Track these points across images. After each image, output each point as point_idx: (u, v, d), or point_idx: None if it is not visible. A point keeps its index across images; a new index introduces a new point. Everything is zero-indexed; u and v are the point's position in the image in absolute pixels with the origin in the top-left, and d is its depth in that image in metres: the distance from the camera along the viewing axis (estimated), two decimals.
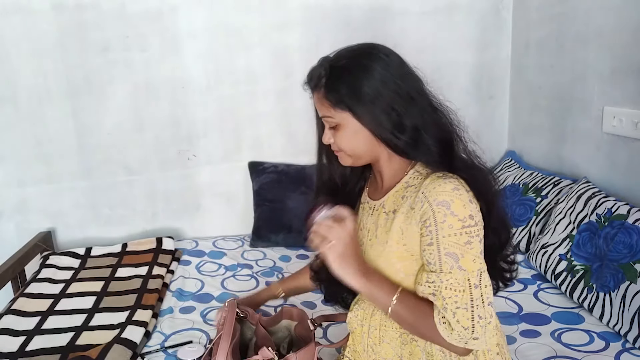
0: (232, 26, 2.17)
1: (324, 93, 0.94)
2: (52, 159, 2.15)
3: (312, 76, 0.97)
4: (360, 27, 2.22)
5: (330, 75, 0.94)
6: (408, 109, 0.92)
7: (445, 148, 0.94)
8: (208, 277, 1.90)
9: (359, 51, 0.96)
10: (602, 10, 1.76)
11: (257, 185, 2.24)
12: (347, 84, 0.92)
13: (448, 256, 0.87)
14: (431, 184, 0.90)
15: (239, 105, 2.25)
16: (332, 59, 0.97)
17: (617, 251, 1.46)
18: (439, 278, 0.88)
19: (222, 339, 0.99)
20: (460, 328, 0.86)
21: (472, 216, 0.88)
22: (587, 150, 1.88)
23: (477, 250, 0.88)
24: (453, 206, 0.87)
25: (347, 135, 0.95)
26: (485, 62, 2.38)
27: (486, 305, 0.87)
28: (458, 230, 0.87)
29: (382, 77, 0.92)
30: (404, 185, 0.98)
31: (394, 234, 0.95)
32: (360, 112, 0.92)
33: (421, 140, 0.92)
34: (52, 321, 1.56)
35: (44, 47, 2.05)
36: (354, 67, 0.93)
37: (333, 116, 0.95)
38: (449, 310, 0.87)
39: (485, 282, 0.88)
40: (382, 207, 1.01)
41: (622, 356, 1.30)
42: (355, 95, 0.91)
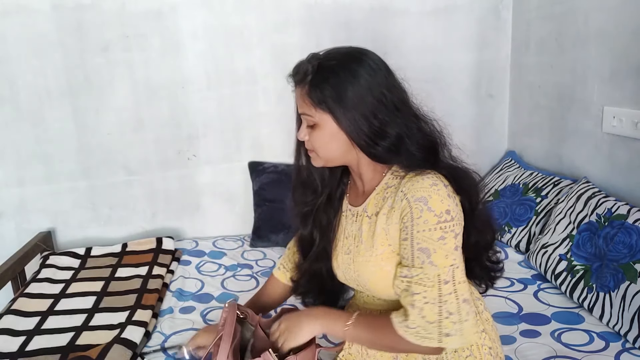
0: (232, 26, 2.17)
1: (307, 90, 0.94)
2: (52, 159, 2.15)
3: (298, 71, 0.98)
4: (360, 27, 2.22)
5: (316, 73, 0.93)
6: (391, 117, 0.92)
7: (429, 153, 0.94)
8: (208, 277, 1.90)
9: (349, 55, 0.96)
10: (602, 10, 1.76)
11: (257, 185, 2.24)
12: (332, 86, 0.91)
13: (420, 251, 0.88)
14: (409, 182, 0.91)
15: (239, 105, 2.25)
16: (322, 57, 0.96)
17: (617, 251, 1.46)
18: (410, 272, 0.89)
19: (223, 339, 0.99)
20: (424, 323, 0.86)
21: (449, 211, 0.88)
22: (587, 150, 1.88)
23: (450, 246, 0.88)
24: (430, 202, 0.87)
25: (323, 137, 0.95)
26: (485, 62, 2.38)
27: (460, 302, 0.87)
28: (433, 225, 0.87)
29: (368, 84, 0.91)
30: (384, 186, 0.98)
31: (378, 236, 0.95)
32: (341, 116, 0.91)
33: (403, 146, 0.92)
34: (52, 321, 1.56)
35: (44, 47, 2.05)
36: (342, 70, 0.92)
37: (312, 115, 0.94)
38: (416, 307, 0.87)
39: (458, 278, 0.88)
40: (364, 212, 1.01)
41: (622, 356, 1.30)
42: (339, 99, 0.91)
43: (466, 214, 0.93)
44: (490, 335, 1.02)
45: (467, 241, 0.94)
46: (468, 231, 0.94)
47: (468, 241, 0.95)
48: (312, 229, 1.09)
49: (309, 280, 1.13)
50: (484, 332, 1.00)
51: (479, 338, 0.99)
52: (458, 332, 0.86)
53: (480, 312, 1.04)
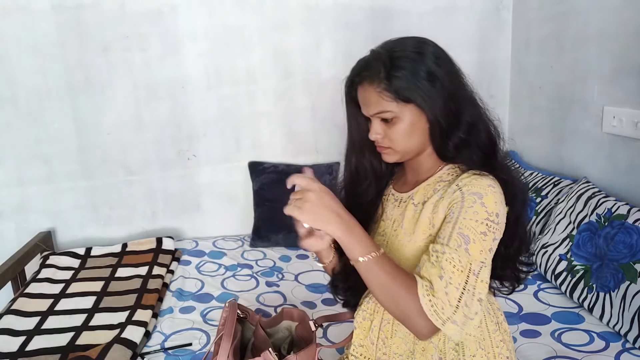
0: (232, 26, 2.17)
1: (386, 85, 0.90)
2: (52, 159, 2.15)
3: (367, 67, 0.93)
4: (360, 27, 2.22)
5: (391, 66, 0.91)
6: (464, 99, 0.93)
7: (491, 148, 0.94)
8: (208, 277, 1.90)
9: (412, 41, 0.95)
10: (602, 10, 1.76)
11: (257, 185, 2.24)
12: (410, 75, 0.90)
13: (460, 235, 0.86)
14: (467, 178, 0.90)
15: (239, 105, 2.25)
16: (388, 50, 0.93)
17: (617, 251, 1.46)
18: (444, 249, 0.86)
19: (224, 339, 0.99)
20: (445, 301, 0.83)
21: (498, 215, 0.88)
22: (587, 150, 1.88)
23: (488, 244, 0.87)
24: (485, 198, 0.87)
25: (404, 129, 0.93)
26: (485, 62, 2.38)
27: (475, 299, 0.85)
28: (482, 219, 0.86)
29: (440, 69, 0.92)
30: (437, 179, 0.97)
31: (422, 224, 0.94)
32: (423, 102, 0.90)
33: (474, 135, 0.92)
34: (52, 321, 1.56)
35: (44, 47, 2.05)
36: (414, 58, 0.91)
37: (392, 109, 0.91)
38: (444, 279, 0.84)
39: (482, 277, 0.86)
40: (410, 199, 0.99)
41: (622, 356, 1.30)
42: (416, 84, 0.90)
43: (510, 223, 0.92)
44: (509, 346, 1.02)
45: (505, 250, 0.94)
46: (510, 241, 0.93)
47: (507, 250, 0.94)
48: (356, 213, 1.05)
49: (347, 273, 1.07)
50: (502, 342, 1.00)
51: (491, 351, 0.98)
52: (461, 325, 0.84)
53: (500, 323, 1.03)
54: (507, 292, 1.09)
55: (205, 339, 1.47)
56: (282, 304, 1.69)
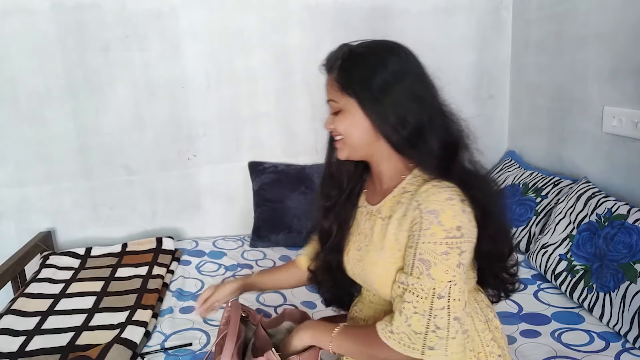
0: (232, 26, 2.17)
1: (336, 75, 0.95)
2: (52, 159, 2.15)
3: (329, 58, 0.98)
4: (360, 27, 2.22)
5: (346, 59, 0.95)
6: (415, 108, 0.92)
7: (448, 152, 0.93)
8: (208, 277, 1.90)
9: (381, 44, 0.97)
10: (602, 10, 1.76)
11: (257, 185, 2.24)
12: (360, 71, 0.93)
13: (421, 262, 0.87)
14: (425, 192, 0.90)
15: (239, 105, 2.25)
16: (353, 45, 0.97)
17: (617, 251, 1.46)
18: (407, 280, 0.88)
19: (227, 339, 0.98)
20: (409, 331, 0.86)
21: (460, 227, 0.87)
22: (587, 150, 1.88)
23: (453, 262, 0.87)
24: (442, 215, 0.86)
25: (347, 122, 0.96)
26: (485, 62, 2.38)
27: (451, 319, 0.86)
28: (439, 239, 0.86)
29: (396, 73, 0.92)
30: (401, 190, 0.97)
31: (389, 240, 0.95)
32: (366, 101, 0.92)
33: (422, 139, 0.92)
34: (52, 321, 1.56)
35: (44, 47, 2.05)
36: (371, 57, 0.94)
37: (338, 100, 0.95)
38: (403, 314, 0.88)
39: (454, 296, 0.87)
40: (378, 213, 1.00)
41: (622, 356, 1.30)
42: (365, 84, 0.92)
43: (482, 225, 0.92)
44: (499, 343, 1.02)
45: (478, 249, 0.93)
46: (483, 240, 0.93)
47: (480, 249, 0.94)
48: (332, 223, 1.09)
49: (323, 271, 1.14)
50: (493, 340, 1.00)
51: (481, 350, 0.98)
52: (442, 348, 0.86)
53: (490, 320, 1.03)
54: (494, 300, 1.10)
55: (206, 339, 1.47)
56: (282, 304, 1.69)
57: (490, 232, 0.95)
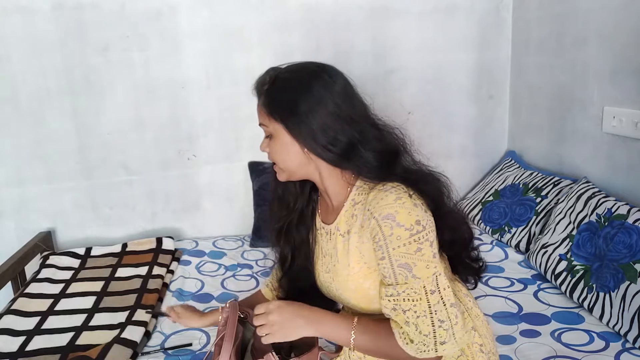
0: (232, 26, 2.17)
1: (263, 101, 0.97)
2: (52, 159, 2.15)
3: (258, 83, 1.01)
4: (360, 27, 2.22)
5: (272, 85, 0.97)
6: (344, 127, 0.93)
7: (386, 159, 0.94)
8: (208, 277, 1.90)
9: (305, 68, 0.98)
10: (602, 10, 1.76)
11: (257, 185, 2.24)
12: (284, 97, 0.94)
13: (401, 267, 0.88)
14: (374, 200, 0.91)
15: (239, 105, 2.24)
16: (280, 70, 0.99)
17: (617, 251, 1.46)
18: (396, 290, 0.89)
19: (226, 340, 0.98)
20: (421, 337, 0.87)
21: (419, 221, 0.88)
22: (587, 150, 1.88)
23: (428, 255, 0.88)
24: (398, 217, 0.87)
25: (278, 147, 0.98)
26: (485, 62, 2.38)
27: (448, 307, 0.88)
28: (406, 239, 0.87)
29: (320, 97, 0.93)
30: (351, 203, 0.98)
31: (353, 255, 0.96)
32: (293, 126, 0.94)
33: (357, 153, 0.93)
34: (52, 321, 1.56)
35: (44, 47, 2.05)
36: (295, 82, 0.95)
37: (267, 125, 0.98)
38: (410, 323, 0.88)
39: (442, 285, 0.88)
40: (337, 230, 1.01)
41: (622, 356, 1.30)
42: (290, 110, 0.93)
43: (434, 214, 0.93)
44: (481, 332, 1.02)
45: (441, 239, 0.95)
46: (440, 230, 0.94)
47: (442, 239, 0.96)
48: (285, 246, 1.11)
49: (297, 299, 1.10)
50: (473, 329, 1.00)
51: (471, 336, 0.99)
52: (452, 338, 0.87)
53: (470, 309, 1.04)
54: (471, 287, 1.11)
55: (205, 339, 1.47)
56: None
57: (447, 221, 0.97)
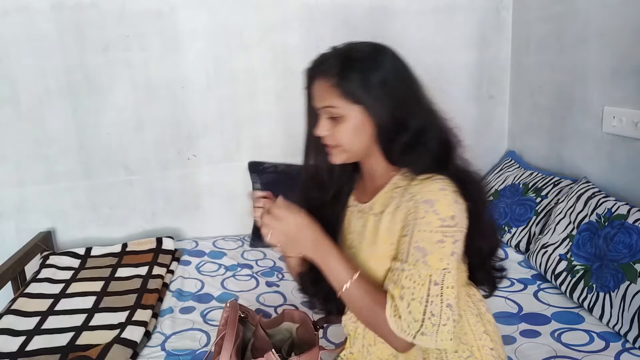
0: (232, 26, 2.17)
1: (336, 81, 0.92)
2: (52, 159, 2.15)
3: (322, 62, 0.95)
4: (360, 26, 2.22)
5: (344, 64, 0.92)
6: (414, 109, 0.93)
7: (442, 153, 0.94)
8: (208, 277, 1.90)
9: (372, 46, 0.96)
10: (602, 10, 1.76)
11: (257, 186, 2.24)
12: (360, 76, 0.91)
13: (417, 249, 0.88)
14: (419, 185, 0.91)
15: (239, 105, 2.25)
16: (346, 49, 0.95)
17: (617, 251, 1.46)
18: (402, 267, 0.89)
19: (226, 339, 0.98)
20: (410, 319, 0.87)
21: (454, 217, 0.88)
22: (587, 150, 1.88)
23: (448, 250, 0.88)
24: (437, 205, 0.88)
25: (349, 128, 0.94)
26: (485, 62, 2.38)
27: (444, 306, 0.87)
28: (435, 228, 0.88)
29: (392, 74, 0.92)
30: (392, 186, 0.98)
31: (382, 234, 0.95)
32: (370, 105, 0.91)
33: (421, 143, 0.92)
34: (52, 321, 1.56)
35: (44, 47, 2.05)
36: (368, 60, 0.92)
37: (339, 106, 0.92)
38: (405, 300, 0.88)
39: (448, 283, 0.88)
40: (370, 210, 1.01)
41: (622, 356, 1.30)
42: (367, 88, 0.91)
43: (471, 220, 0.93)
44: (492, 337, 1.02)
45: (471, 246, 0.94)
46: (472, 236, 0.93)
47: (472, 246, 0.95)
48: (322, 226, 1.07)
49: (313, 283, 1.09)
50: (485, 333, 1.00)
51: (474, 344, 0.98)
52: (433, 334, 0.87)
53: (483, 314, 1.04)
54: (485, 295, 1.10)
55: (206, 339, 1.47)
56: (282, 304, 1.69)
57: (481, 228, 0.96)
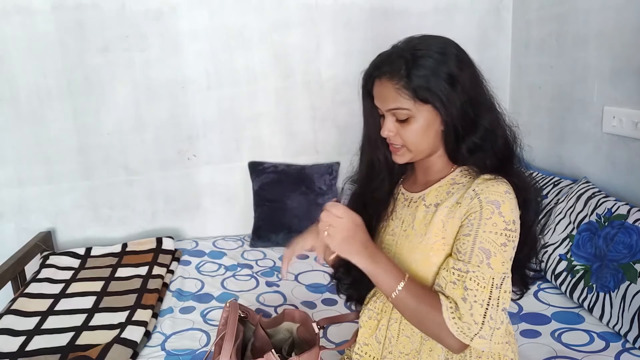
0: (232, 26, 2.17)
1: (405, 83, 0.89)
2: (52, 159, 2.15)
3: (388, 63, 0.92)
4: (360, 27, 2.22)
5: (412, 64, 0.89)
6: (484, 104, 0.92)
7: (507, 154, 0.93)
8: (208, 277, 1.90)
9: (436, 42, 0.93)
10: (602, 10, 1.76)
11: (257, 185, 2.24)
12: (428, 74, 0.88)
13: (481, 250, 0.87)
14: (484, 184, 0.90)
15: (239, 105, 2.25)
16: (408, 47, 0.92)
17: (617, 251, 1.46)
18: (466, 267, 0.87)
19: (226, 339, 0.98)
20: (471, 321, 0.86)
21: (515, 221, 0.88)
22: (587, 150, 1.88)
23: (509, 254, 0.88)
24: (503, 207, 0.87)
25: (418, 129, 0.92)
26: (485, 62, 2.34)
27: (499, 310, 0.87)
28: (500, 230, 0.87)
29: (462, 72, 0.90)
30: (450, 181, 0.97)
31: (435, 226, 0.94)
32: (441, 104, 0.89)
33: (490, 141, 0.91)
34: (52, 321, 1.56)
35: (44, 47, 2.05)
36: (434, 57, 0.89)
37: (410, 108, 0.90)
38: (468, 301, 0.86)
39: (505, 287, 0.88)
40: (421, 200, 0.99)
41: (622, 356, 1.30)
42: (436, 86, 0.88)
43: (524, 228, 0.92)
44: (513, 348, 1.02)
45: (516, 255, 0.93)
46: (521, 246, 0.93)
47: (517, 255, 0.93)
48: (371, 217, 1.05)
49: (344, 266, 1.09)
50: (507, 344, 1.00)
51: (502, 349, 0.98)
52: (489, 337, 0.87)
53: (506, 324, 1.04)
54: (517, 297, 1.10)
55: (206, 339, 1.47)
56: (282, 304, 1.69)
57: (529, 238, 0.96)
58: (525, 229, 0.93)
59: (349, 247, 0.89)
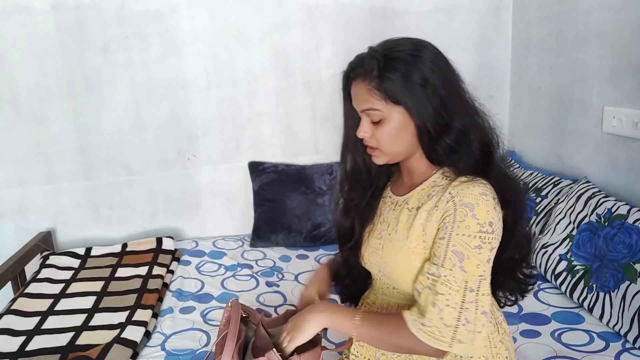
0: (232, 26, 2.17)
1: (376, 84, 0.89)
2: (52, 159, 2.15)
3: (361, 64, 0.92)
4: (360, 27, 2.22)
5: (385, 65, 0.89)
6: (458, 108, 0.91)
7: (486, 154, 0.93)
8: (208, 277, 1.90)
9: (410, 44, 0.93)
10: (602, 10, 1.76)
11: (257, 185, 2.24)
12: (402, 77, 0.88)
13: (454, 254, 0.87)
14: (459, 186, 0.89)
15: (239, 105, 2.25)
16: (384, 49, 0.92)
17: (617, 251, 1.46)
18: (439, 271, 0.88)
19: (228, 338, 0.98)
20: (441, 324, 0.86)
21: (492, 223, 0.87)
22: (587, 150, 1.88)
23: (484, 257, 0.87)
24: (477, 209, 0.87)
25: (391, 131, 0.92)
26: (485, 62, 2.38)
27: (479, 313, 0.86)
28: (473, 232, 0.86)
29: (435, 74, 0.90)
30: (431, 184, 0.96)
31: (415, 230, 0.94)
32: (413, 106, 0.89)
33: (465, 144, 0.91)
34: (52, 321, 1.56)
35: (44, 47, 2.05)
36: (409, 60, 0.89)
37: (381, 109, 0.91)
38: (437, 306, 0.86)
39: (483, 290, 0.87)
40: (405, 203, 0.99)
41: (622, 356, 1.30)
42: (410, 89, 0.88)
43: (507, 228, 0.92)
44: (507, 346, 1.02)
45: (500, 255, 0.93)
46: (505, 245, 0.92)
47: (502, 255, 0.93)
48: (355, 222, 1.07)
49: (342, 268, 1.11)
50: (501, 343, 1.00)
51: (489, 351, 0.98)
52: (469, 341, 0.86)
53: (500, 323, 1.03)
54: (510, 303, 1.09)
55: (206, 339, 1.47)
56: (282, 304, 1.69)
57: (517, 237, 0.95)
58: (507, 229, 0.92)
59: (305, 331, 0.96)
